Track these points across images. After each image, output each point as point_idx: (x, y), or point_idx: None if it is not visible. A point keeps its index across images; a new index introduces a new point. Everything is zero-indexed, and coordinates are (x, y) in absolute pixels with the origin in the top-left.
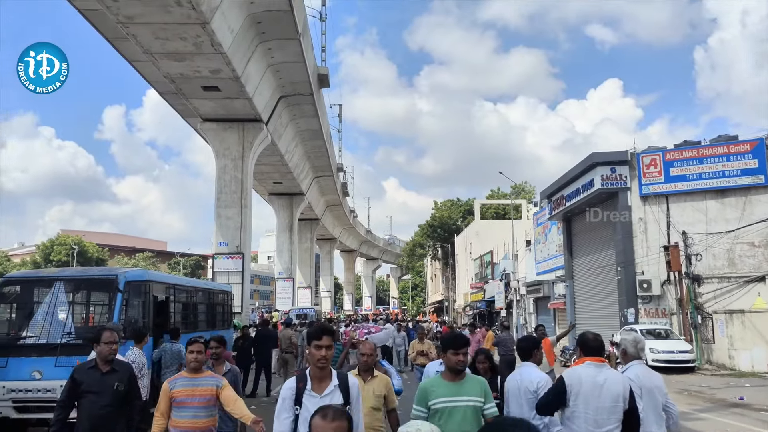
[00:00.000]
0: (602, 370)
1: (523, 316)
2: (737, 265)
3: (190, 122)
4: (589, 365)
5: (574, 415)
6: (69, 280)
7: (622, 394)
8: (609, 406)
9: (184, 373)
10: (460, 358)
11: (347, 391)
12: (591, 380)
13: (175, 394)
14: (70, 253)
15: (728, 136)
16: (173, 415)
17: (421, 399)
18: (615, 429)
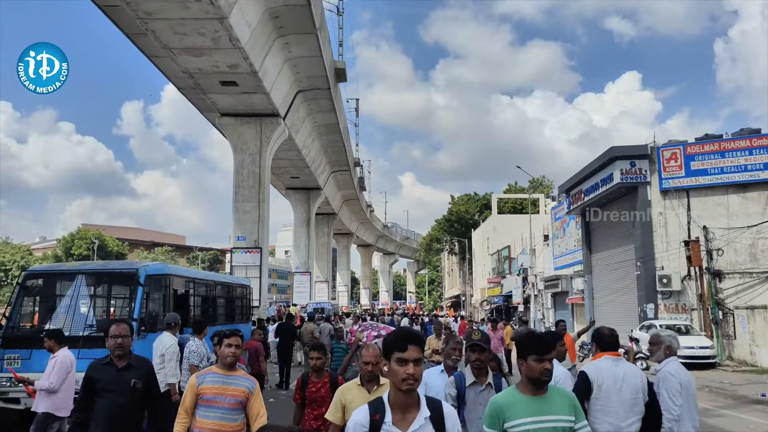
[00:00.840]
0: (620, 363)
1: (541, 311)
2: (759, 261)
3: (208, 117)
4: (606, 359)
5: (595, 409)
6: (91, 274)
7: (641, 386)
8: (630, 399)
9: (216, 369)
10: (546, 366)
11: (442, 424)
12: (611, 374)
13: (203, 391)
14: (91, 247)
15: (750, 130)
16: (198, 414)
17: (494, 420)
18: (637, 422)
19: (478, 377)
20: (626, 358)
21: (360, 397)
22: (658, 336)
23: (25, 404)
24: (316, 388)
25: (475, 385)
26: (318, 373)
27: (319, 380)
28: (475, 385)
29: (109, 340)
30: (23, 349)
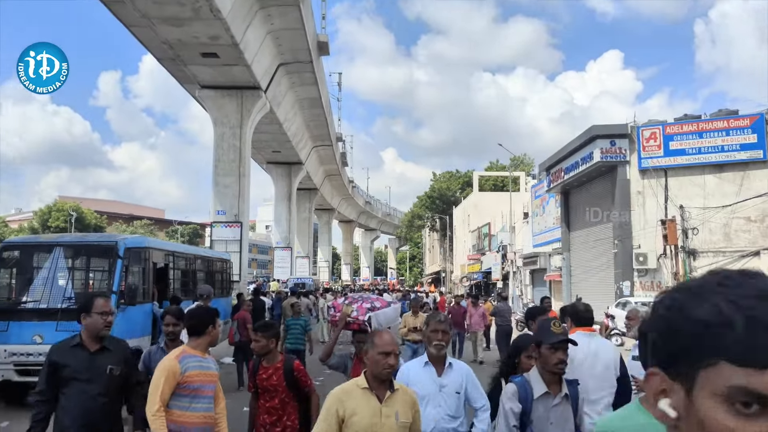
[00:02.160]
0: (593, 339)
1: (520, 287)
2: (733, 240)
3: (188, 89)
4: (580, 335)
5: None
6: (69, 246)
7: (614, 361)
8: (601, 373)
9: (193, 350)
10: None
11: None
12: (584, 349)
13: (189, 379)
14: (68, 219)
15: (728, 111)
16: (180, 407)
17: None
18: (608, 396)
19: (550, 386)
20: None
21: (366, 408)
22: (636, 311)
23: (2, 376)
24: (267, 375)
25: (547, 398)
26: (268, 358)
27: (270, 366)
28: (547, 397)
29: (95, 318)
30: (0, 320)
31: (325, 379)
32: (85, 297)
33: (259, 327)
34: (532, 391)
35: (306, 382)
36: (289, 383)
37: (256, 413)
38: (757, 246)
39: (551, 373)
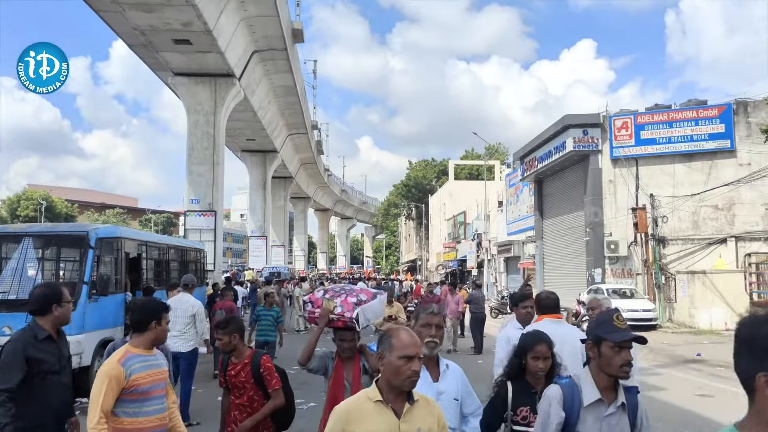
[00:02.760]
0: (560, 325)
1: (494, 275)
2: (701, 228)
3: (160, 76)
4: (547, 321)
5: None
6: (39, 236)
7: (580, 348)
8: (568, 360)
9: (137, 349)
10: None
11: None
12: (550, 335)
13: (136, 382)
14: (38, 208)
15: (698, 101)
16: (131, 413)
17: None
18: None
19: (603, 392)
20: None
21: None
22: (597, 300)
23: None
24: (236, 371)
25: (599, 406)
26: (235, 353)
27: (239, 361)
28: (599, 405)
29: (66, 307)
30: None
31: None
32: (53, 287)
33: (218, 325)
34: (580, 396)
35: (270, 380)
36: (257, 380)
37: (228, 409)
38: (723, 234)
39: (609, 377)
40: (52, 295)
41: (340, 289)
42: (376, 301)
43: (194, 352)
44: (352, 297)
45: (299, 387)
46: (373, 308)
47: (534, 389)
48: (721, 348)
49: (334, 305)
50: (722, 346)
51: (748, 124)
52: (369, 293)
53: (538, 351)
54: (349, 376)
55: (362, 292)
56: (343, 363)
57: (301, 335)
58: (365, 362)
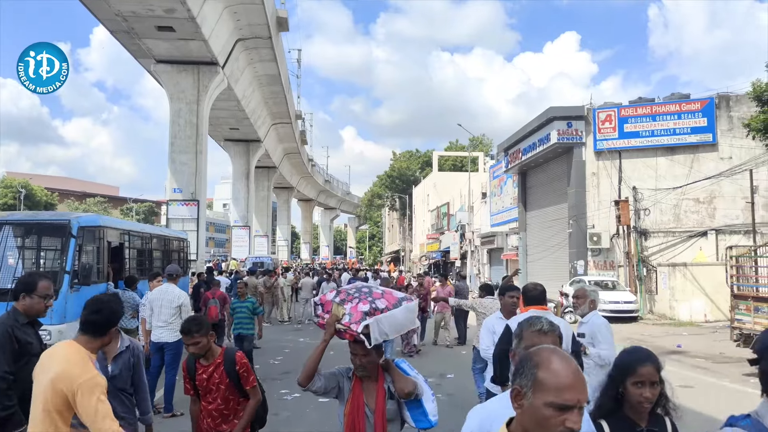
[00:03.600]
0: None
1: (477, 266)
2: (682, 221)
3: (142, 63)
4: (531, 313)
5: None
6: (19, 225)
7: (566, 338)
8: None
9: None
10: None
11: None
12: None
13: None
14: (17, 196)
15: (681, 95)
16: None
17: None
18: None
19: None
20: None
21: None
22: (584, 290)
23: None
24: (207, 374)
25: None
26: (206, 355)
27: (209, 363)
28: None
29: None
30: None
31: (285, 358)
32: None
33: (189, 329)
34: None
35: (248, 377)
36: (234, 379)
37: (198, 418)
38: (704, 227)
39: None
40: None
41: (355, 291)
42: (399, 310)
43: (180, 342)
44: (365, 304)
45: (281, 377)
46: (395, 320)
47: (639, 427)
48: (701, 339)
49: (343, 312)
50: (702, 337)
51: (729, 118)
52: (391, 298)
53: (643, 374)
54: (370, 400)
55: (382, 298)
56: (363, 384)
57: (284, 326)
58: (391, 384)
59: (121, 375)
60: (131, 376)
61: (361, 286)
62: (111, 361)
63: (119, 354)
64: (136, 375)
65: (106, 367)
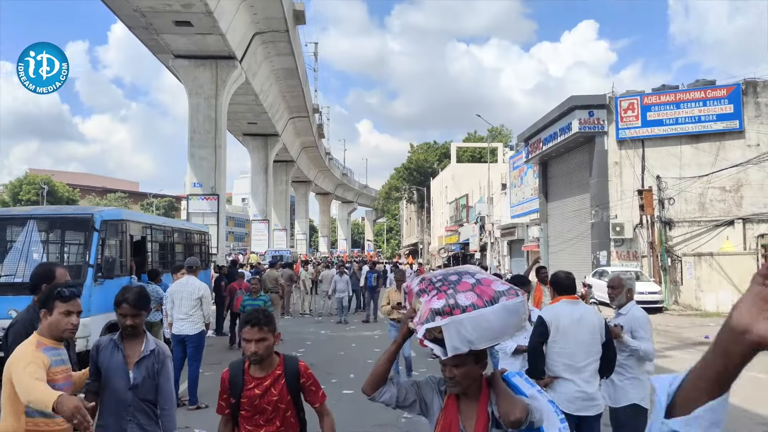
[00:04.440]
0: (577, 306)
1: (497, 258)
2: (707, 210)
3: (161, 59)
4: (564, 303)
5: (553, 351)
6: (43, 219)
7: (599, 328)
8: (588, 340)
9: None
10: None
11: None
12: (568, 316)
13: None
14: (40, 192)
15: (706, 81)
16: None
17: None
18: (594, 362)
19: None
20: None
21: None
22: (620, 279)
23: None
24: (262, 389)
25: None
26: (260, 364)
27: (265, 374)
28: None
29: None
30: None
31: (307, 350)
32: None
33: (256, 319)
34: None
35: (317, 391)
36: (296, 396)
37: None
38: (730, 215)
39: None
40: (42, 275)
41: (439, 279)
42: (493, 309)
43: (201, 334)
44: (440, 298)
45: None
46: (486, 322)
47: None
48: None
49: (418, 307)
50: None
51: (757, 105)
52: (486, 292)
53: None
54: (468, 425)
55: (471, 290)
56: (460, 402)
57: (305, 318)
58: (495, 408)
59: (144, 383)
60: (155, 385)
61: (450, 272)
62: (133, 367)
63: (141, 359)
64: (160, 383)
65: (128, 373)
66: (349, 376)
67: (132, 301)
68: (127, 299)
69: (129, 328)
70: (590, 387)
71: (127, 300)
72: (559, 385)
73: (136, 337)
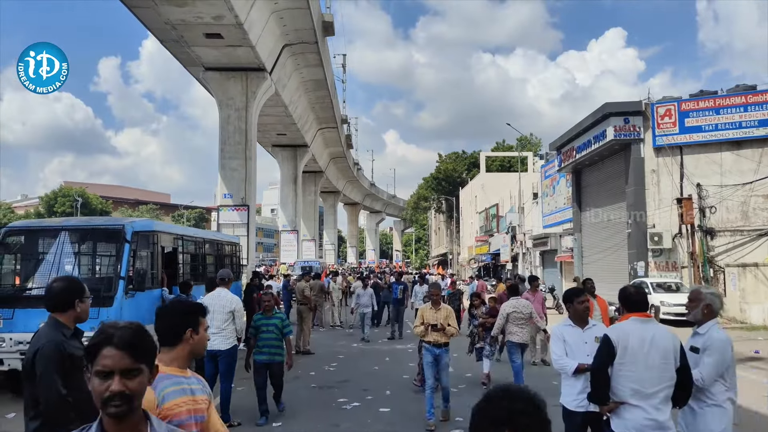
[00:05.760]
0: (649, 325)
1: (529, 269)
2: (750, 219)
3: (191, 72)
4: (634, 321)
5: (620, 375)
6: (74, 230)
7: (672, 350)
8: (659, 364)
9: (168, 368)
10: None
11: None
12: (638, 336)
13: (170, 412)
14: (74, 204)
15: (746, 86)
16: None
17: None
18: (666, 389)
19: None
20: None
21: None
22: (699, 292)
23: (9, 365)
24: None
25: None
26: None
27: None
28: None
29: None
30: (5, 308)
31: (340, 364)
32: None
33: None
34: None
35: None
36: None
37: None
38: None
39: None
40: (75, 290)
41: None
42: None
43: (234, 349)
44: None
45: (338, 385)
46: None
47: None
48: None
49: None
50: None
51: None
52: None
53: None
54: None
55: None
56: None
57: (336, 331)
58: None
59: None
60: None
61: None
62: None
63: None
64: None
65: None
66: (385, 392)
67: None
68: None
69: (116, 402)
70: (661, 415)
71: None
72: (626, 411)
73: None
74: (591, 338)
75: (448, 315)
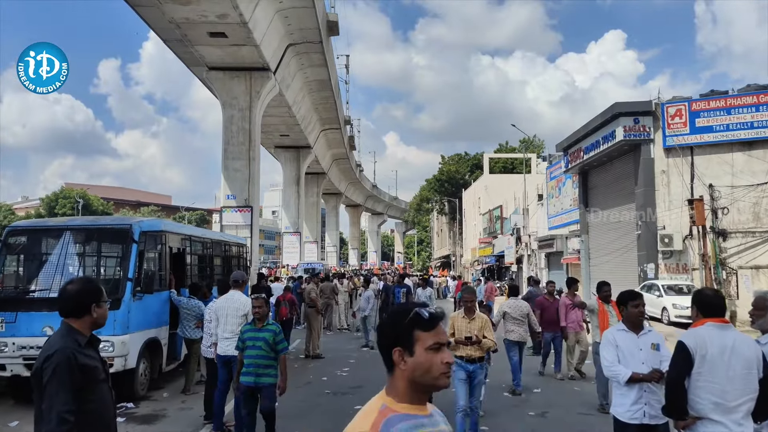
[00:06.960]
0: (728, 331)
1: (535, 271)
2: (763, 220)
3: (195, 71)
4: (710, 326)
5: (697, 386)
6: (79, 230)
7: (756, 359)
8: (741, 374)
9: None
10: None
11: None
12: (717, 343)
13: None
14: (75, 206)
15: (758, 86)
16: None
17: None
18: (749, 401)
19: None
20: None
21: None
22: (765, 299)
23: (11, 371)
24: None
25: None
26: None
27: None
28: None
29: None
30: (7, 311)
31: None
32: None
33: None
34: None
35: None
36: None
37: None
38: None
39: None
40: (91, 293)
41: None
42: None
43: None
44: None
45: (352, 391)
46: None
47: None
48: None
49: None
50: None
51: None
52: None
53: None
54: None
55: None
56: None
57: (345, 334)
58: None
59: None
60: None
61: None
62: None
63: None
64: None
65: None
66: None
67: None
68: None
69: None
70: (744, 430)
71: None
72: (705, 426)
73: None
74: (647, 345)
75: (483, 325)
